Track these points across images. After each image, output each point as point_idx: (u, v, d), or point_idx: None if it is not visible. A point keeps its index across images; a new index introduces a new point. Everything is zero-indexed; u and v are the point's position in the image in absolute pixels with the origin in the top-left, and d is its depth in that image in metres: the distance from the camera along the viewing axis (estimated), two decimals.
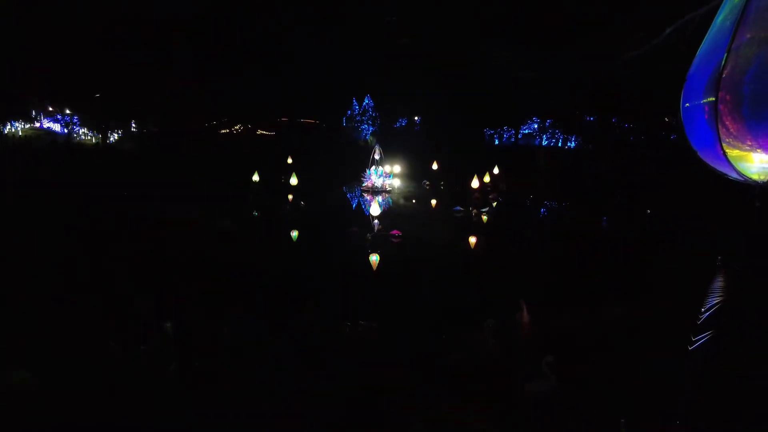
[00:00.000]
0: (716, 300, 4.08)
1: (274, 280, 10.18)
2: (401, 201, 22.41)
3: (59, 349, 6.38)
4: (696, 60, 3.18)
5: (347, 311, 8.04)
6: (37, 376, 5.65)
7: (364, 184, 25.04)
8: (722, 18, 3.04)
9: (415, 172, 29.33)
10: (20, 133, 43.65)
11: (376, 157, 25.60)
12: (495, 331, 7.25)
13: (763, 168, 2.90)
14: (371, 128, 53.18)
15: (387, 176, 25.30)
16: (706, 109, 2.92)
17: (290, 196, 22.43)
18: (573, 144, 47.85)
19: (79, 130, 46.85)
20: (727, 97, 2.77)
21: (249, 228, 16.27)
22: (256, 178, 24.26)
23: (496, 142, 51.00)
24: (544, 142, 49.02)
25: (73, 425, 5.14)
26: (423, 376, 6.43)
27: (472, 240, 14.94)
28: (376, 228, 15.13)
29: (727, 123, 2.78)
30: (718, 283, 4.12)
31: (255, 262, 11.48)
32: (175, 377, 6.07)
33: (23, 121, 45.52)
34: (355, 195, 24.20)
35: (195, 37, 39.23)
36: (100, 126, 44.46)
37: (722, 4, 3.12)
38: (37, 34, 32.67)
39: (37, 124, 47.25)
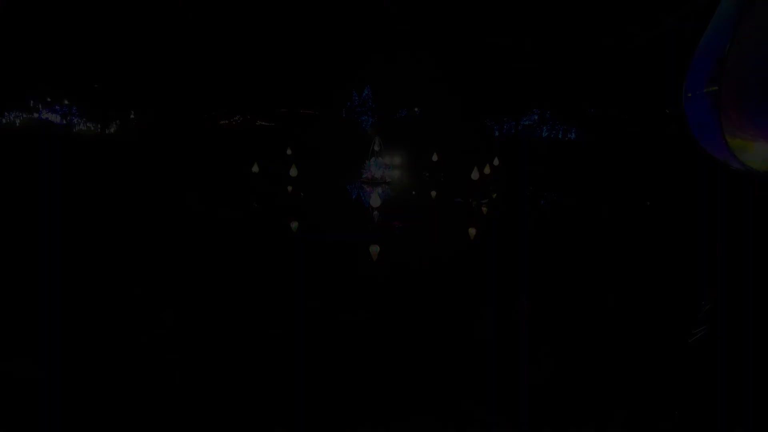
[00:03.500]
0: (715, 296, 4.08)
1: (273, 272, 10.19)
2: (401, 192, 22.35)
3: (60, 339, 6.40)
4: (699, 49, 3.15)
5: (347, 303, 8.05)
6: (38, 365, 5.67)
7: (363, 176, 24.95)
8: (726, 6, 3.01)
9: (416, 164, 29.24)
10: (18, 124, 43.48)
11: (376, 148, 25.49)
12: (495, 321, 7.27)
13: (765, 158, 2.89)
14: (371, 119, 52.91)
15: (387, 167, 25.21)
16: (709, 98, 2.90)
17: (289, 188, 22.35)
18: (573, 136, 47.67)
19: (76, 120, 46.59)
20: (731, 87, 2.75)
21: (248, 219, 16.24)
22: (255, 169, 24.15)
23: (497, 134, 50.79)
24: (545, 134, 48.83)
25: (72, 417, 5.16)
26: (423, 368, 6.45)
27: (473, 231, 14.93)
28: (376, 219, 15.11)
29: (729, 113, 2.77)
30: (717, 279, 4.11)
31: (254, 254, 11.48)
32: (174, 369, 6.08)
33: (21, 111, 45.31)
34: (355, 186, 24.13)
35: (194, 27, 38.94)
36: (99, 116, 44.19)
37: None
38: (35, 25, 32.42)
39: (36, 115, 47.03)
